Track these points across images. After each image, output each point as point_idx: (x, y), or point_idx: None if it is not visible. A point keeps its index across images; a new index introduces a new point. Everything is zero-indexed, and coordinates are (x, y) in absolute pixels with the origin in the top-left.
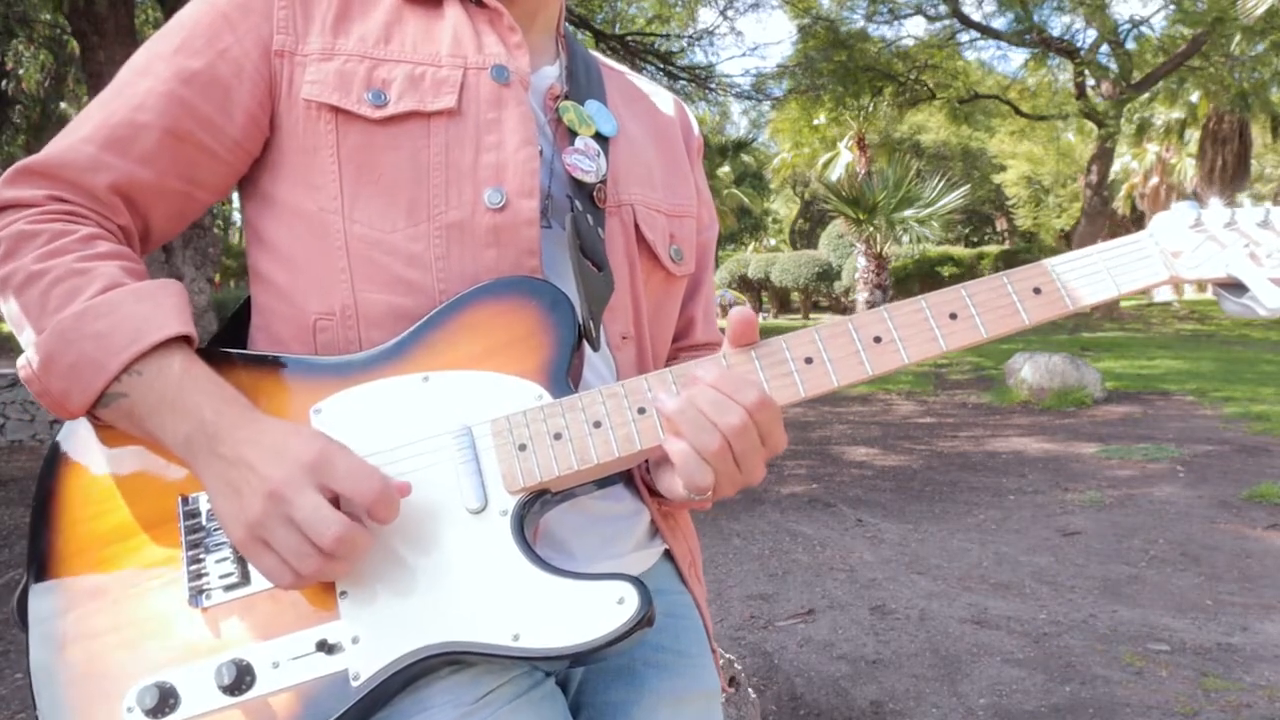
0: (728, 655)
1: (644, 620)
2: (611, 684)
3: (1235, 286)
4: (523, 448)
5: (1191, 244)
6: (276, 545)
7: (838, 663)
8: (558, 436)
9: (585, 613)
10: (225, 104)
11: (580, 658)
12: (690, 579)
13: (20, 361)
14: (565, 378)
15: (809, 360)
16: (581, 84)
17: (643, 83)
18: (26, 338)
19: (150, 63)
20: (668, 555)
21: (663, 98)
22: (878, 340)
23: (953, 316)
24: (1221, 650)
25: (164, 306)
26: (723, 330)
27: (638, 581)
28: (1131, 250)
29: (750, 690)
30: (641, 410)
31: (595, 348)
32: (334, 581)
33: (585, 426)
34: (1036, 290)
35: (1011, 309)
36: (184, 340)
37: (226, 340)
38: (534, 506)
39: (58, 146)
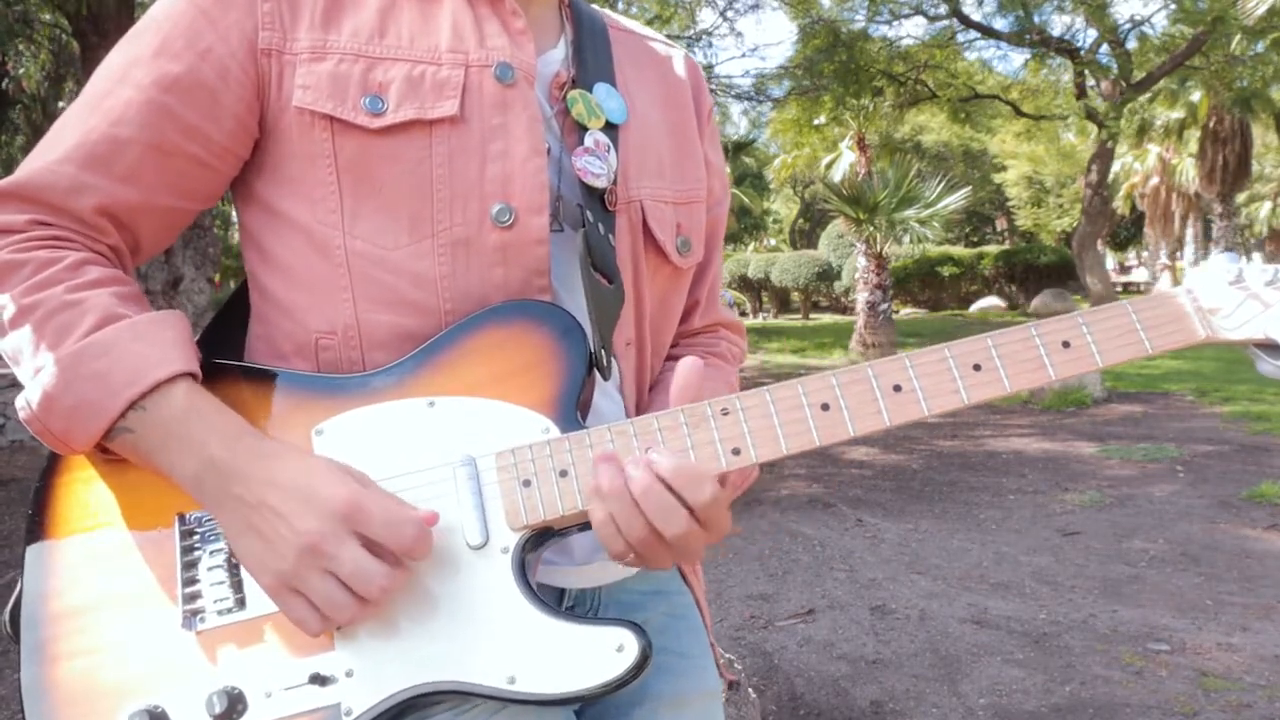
0: (728, 655)
1: (643, 664)
2: None
3: (1273, 347)
4: (527, 483)
5: (1231, 301)
6: (312, 595)
7: (838, 663)
8: (563, 474)
9: (583, 659)
10: (211, 110)
11: (575, 703)
12: (689, 575)
13: (19, 402)
14: (574, 411)
15: (825, 406)
16: (589, 64)
17: (655, 45)
18: (23, 375)
19: (128, 68)
20: None
21: (676, 60)
22: (897, 389)
23: (976, 368)
24: (1221, 650)
25: (161, 343)
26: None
27: (637, 627)
28: (1167, 307)
29: (750, 690)
30: (650, 451)
31: (606, 377)
32: None
33: (591, 465)
34: (1065, 344)
35: (1038, 363)
36: (188, 374)
37: (218, 335)
38: (535, 545)
39: (35, 167)
